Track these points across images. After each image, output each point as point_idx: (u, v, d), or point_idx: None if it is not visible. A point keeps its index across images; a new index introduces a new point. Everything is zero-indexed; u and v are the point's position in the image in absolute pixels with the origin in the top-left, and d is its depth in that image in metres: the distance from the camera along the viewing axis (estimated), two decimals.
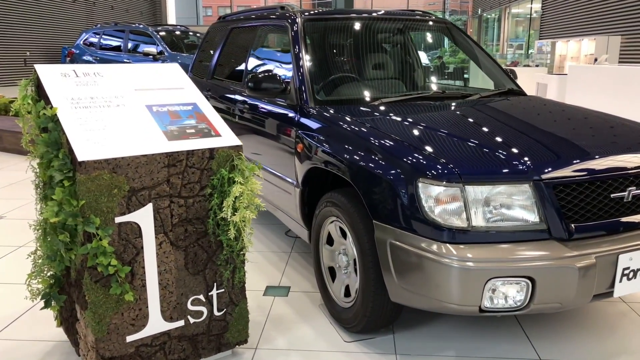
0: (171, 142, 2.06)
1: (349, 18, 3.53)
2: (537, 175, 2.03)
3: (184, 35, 12.27)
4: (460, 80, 8.21)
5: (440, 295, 2.01)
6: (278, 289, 3.06)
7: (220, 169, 2.14)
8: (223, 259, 2.22)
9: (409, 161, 2.12)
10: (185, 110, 2.25)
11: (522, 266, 1.94)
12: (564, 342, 2.49)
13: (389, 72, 3.62)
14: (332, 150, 2.50)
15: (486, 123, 2.58)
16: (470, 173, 2.02)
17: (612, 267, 2.04)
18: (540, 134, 2.39)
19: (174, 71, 2.49)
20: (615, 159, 2.19)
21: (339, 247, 2.59)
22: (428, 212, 2.02)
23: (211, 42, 4.78)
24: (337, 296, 2.63)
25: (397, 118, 2.64)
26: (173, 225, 2.08)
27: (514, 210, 2.03)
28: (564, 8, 16.62)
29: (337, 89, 3.17)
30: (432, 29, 3.93)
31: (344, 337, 2.54)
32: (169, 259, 2.09)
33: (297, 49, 3.15)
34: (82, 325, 2.10)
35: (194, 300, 2.19)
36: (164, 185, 2.03)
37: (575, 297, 1.98)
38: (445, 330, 2.59)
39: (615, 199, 2.15)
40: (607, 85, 7.50)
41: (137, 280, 2.03)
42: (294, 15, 3.37)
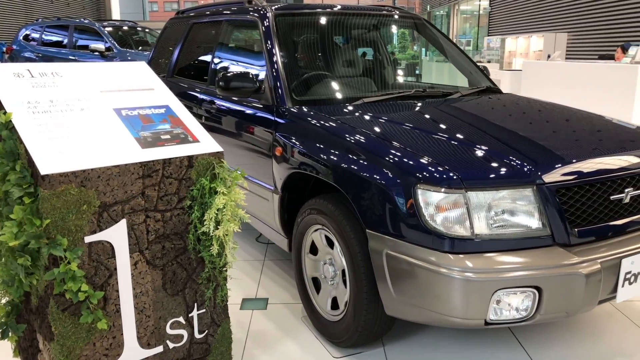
0: (145, 150, 1.84)
1: (323, 13, 3.36)
2: (540, 179, 1.94)
3: (133, 31, 11.79)
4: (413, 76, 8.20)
5: (443, 308, 1.89)
6: (256, 302, 2.87)
7: (200, 179, 1.94)
8: (204, 277, 2.02)
9: (406, 166, 1.98)
10: (158, 114, 2.04)
11: (529, 275, 1.84)
12: (557, 347, 2.43)
13: (367, 69, 3.48)
14: (318, 155, 2.34)
15: (478, 123, 2.48)
16: (472, 178, 1.90)
17: (615, 272, 1.98)
18: (537, 136, 2.31)
19: (141, 70, 2.26)
20: (613, 159, 2.13)
21: (325, 257, 2.43)
22: (428, 220, 1.89)
23: (169, 38, 4.51)
24: (323, 309, 2.48)
25: (384, 119, 2.50)
26: (149, 242, 1.87)
27: (517, 216, 1.93)
28: (511, 5, 17.00)
29: (315, 88, 3.00)
30: (408, 25, 3.82)
31: (332, 353, 2.39)
32: (145, 280, 1.88)
33: (270, 45, 2.97)
34: (46, 357, 1.86)
35: (173, 324, 1.99)
36: (138, 198, 1.81)
37: (582, 304, 1.90)
38: (437, 341, 2.48)
39: (614, 201, 2.08)
40: (560, 81, 7.66)
41: (111, 305, 1.81)
42: (264, 10, 3.18)
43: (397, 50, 11.04)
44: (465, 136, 2.27)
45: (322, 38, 3.42)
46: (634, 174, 2.13)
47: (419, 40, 13.81)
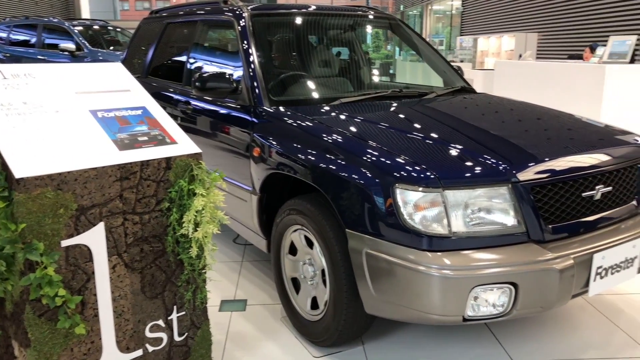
0: (123, 152, 1.82)
1: (299, 13, 3.37)
2: (515, 178, 1.98)
3: (104, 30, 11.60)
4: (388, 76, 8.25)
5: (422, 306, 1.91)
6: (234, 303, 2.86)
7: (178, 180, 1.93)
8: (184, 280, 2.01)
9: (384, 166, 2.00)
10: (135, 116, 2.02)
11: (505, 272, 1.88)
12: (532, 342, 2.48)
13: (344, 69, 3.50)
14: (297, 155, 2.34)
15: (454, 122, 2.52)
16: (450, 177, 1.93)
17: (587, 267, 2.03)
18: (511, 135, 2.35)
19: (117, 71, 2.23)
20: (584, 158, 2.18)
21: (304, 257, 2.44)
22: (407, 218, 1.92)
23: (143, 38, 4.46)
24: (303, 309, 2.48)
25: (362, 119, 2.52)
26: (127, 245, 1.85)
27: (493, 214, 1.97)
28: (483, 5, 17.24)
29: (292, 88, 3.01)
30: (383, 25, 3.85)
31: (312, 352, 2.40)
32: (123, 283, 1.86)
33: (247, 45, 2.96)
34: None
35: (153, 327, 1.97)
36: (116, 201, 1.79)
37: (556, 299, 1.95)
38: (416, 338, 2.51)
39: (585, 198, 2.14)
40: (531, 80, 7.80)
41: (89, 309, 1.78)
42: (241, 10, 3.17)
43: (372, 50, 11.11)
44: (441, 136, 2.30)
45: (298, 38, 3.42)
46: (604, 171, 2.20)
47: (392, 39, 13.93)
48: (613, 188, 2.24)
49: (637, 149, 2.42)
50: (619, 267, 2.16)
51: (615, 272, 2.15)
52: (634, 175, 2.35)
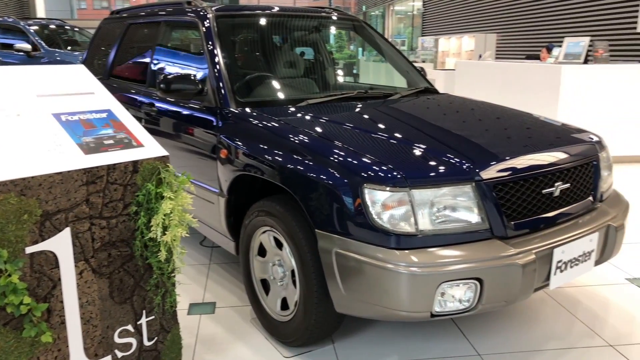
0: (88, 156, 1.80)
1: (264, 14, 3.37)
2: (478, 176, 2.04)
3: (61, 30, 11.30)
4: (352, 76, 8.35)
5: (391, 303, 1.95)
6: (203, 306, 2.85)
7: (146, 184, 1.91)
8: (153, 284, 1.99)
9: (352, 166, 2.03)
10: (100, 119, 1.99)
11: (470, 268, 1.93)
12: (496, 335, 2.55)
13: (310, 70, 3.52)
14: (266, 157, 2.35)
15: (419, 123, 2.57)
16: (416, 176, 1.98)
17: (548, 261, 2.11)
18: (475, 133, 2.42)
19: (80, 73, 2.20)
20: (543, 156, 2.26)
21: (273, 259, 2.45)
22: (375, 218, 1.95)
23: (104, 38, 4.38)
24: (273, 310, 2.49)
25: (329, 120, 2.54)
26: (95, 250, 1.82)
27: (458, 212, 2.02)
28: (443, 6, 17.55)
29: (258, 89, 3.01)
30: (347, 26, 3.89)
31: (283, 353, 2.41)
32: (91, 289, 1.83)
33: (212, 46, 2.95)
34: None
35: (122, 332, 1.95)
36: (82, 205, 1.77)
37: (519, 293, 2.02)
38: (385, 335, 2.55)
39: (545, 195, 2.22)
40: (490, 80, 8.00)
41: (55, 317, 1.75)
42: (205, 11, 3.15)
43: (335, 50, 11.18)
44: (407, 136, 2.35)
45: (263, 39, 3.42)
46: (562, 168, 2.28)
47: (355, 40, 14.03)
48: (571, 185, 2.32)
49: (593, 147, 2.52)
50: (578, 260, 2.25)
51: (574, 265, 2.24)
52: (590, 172, 2.45)
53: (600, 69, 6.28)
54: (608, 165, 2.62)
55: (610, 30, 9.36)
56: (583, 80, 6.23)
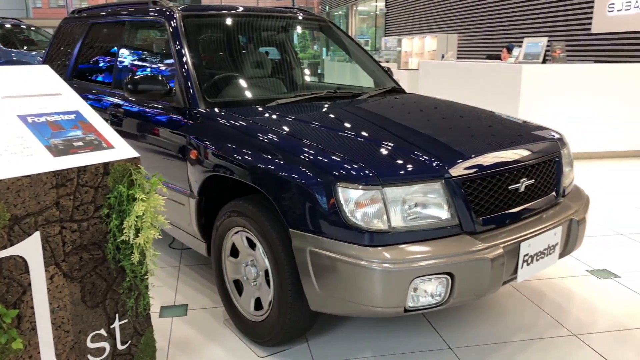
0: (58, 158, 1.76)
1: (231, 14, 3.36)
2: (447, 173, 2.08)
3: (17, 29, 10.98)
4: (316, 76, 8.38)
5: (365, 299, 1.98)
6: (175, 309, 2.82)
7: (117, 186, 1.89)
8: (126, 287, 1.97)
9: (325, 165, 2.05)
10: (68, 120, 1.95)
11: (442, 263, 1.98)
12: (466, 328, 2.62)
13: (278, 70, 3.52)
14: (238, 157, 2.34)
15: (388, 122, 2.61)
16: (388, 175, 2.01)
17: (515, 255, 2.18)
18: (444, 132, 2.47)
19: (45, 74, 2.15)
20: (508, 153, 2.33)
21: (246, 259, 2.45)
22: (349, 216, 1.97)
23: (65, 38, 4.29)
24: (246, 310, 2.49)
25: (300, 120, 2.56)
26: (66, 254, 1.79)
27: (428, 209, 2.06)
28: (405, 7, 17.78)
29: (227, 90, 3.00)
30: (314, 27, 3.91)
31: (257, 353, 2.41)
32: (62, 294, 1.80)
33: (179, 46, 2.92)
34: None
35: (94, 337, 1.92)
36: (52, 209, 1.73)
37: (489, 286, 2.08)
38: (358, 332, 2.58)
39: (511, 191, 2.29)
40: (453, 79, 8.16)
41: (26, 323, 1.71)
42: (172, 11, 3.12)
43: (299, 50, 11.19)
44: (377, 135, 2.38)
45: (231, 39, 3.41)
46: (527, 165, 2.36)
47: (318, 40, 14.05)
48: (535, 181, 2.40)
49: (555, 144, 2.61)
50: (543, 253, 2.33)
51: (540, 258, 2.32)
52: (553, 168, 2.54)
53: (557, 68, 6.49)
54: (569, 162, 2.71)
55: (567, 31, 9.67)
56: (542, 79, 6.42)
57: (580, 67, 6.65)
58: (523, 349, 2.45)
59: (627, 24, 8.30)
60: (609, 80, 6.56)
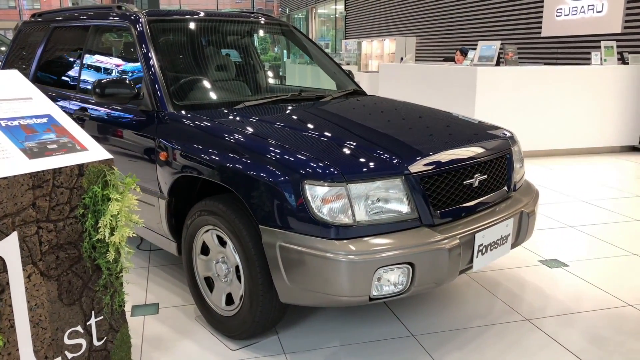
0: (33, 160, 1.82)
1: (195, 19, 3.44)
2: (407, 170, 2.23)
3: None
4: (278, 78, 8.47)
5: (333, 289, 2.10)
6: (146, 307, 2.88)
7: (92, 187, 1.95)
8: (101, 284, 2.03)
9: (293, 164, 2.17)
10: (41, 124, 2.00)
11: (403, 253, 2.11)
12: (427, 316, 2.77)
13: (244, 73, 3.61)
14: (208, 158, 2.43)
15: (351, 123, 2.74)
16: (352, 172, 2.14)
17: (470, 245, 2.34)
18: (404, 132, 2.62)
19: (14, 78, 2.19)
20: (463, 150, 2.50)
21: (217, 256, 2.53)
22: (316, 212, 2.09)
23: (25, 42, 4.26)
24: (218, 306, 2.58)
25: (266, 121, 2.66)
26: (42, 253, 1.84)
27: (390, 204, 2.20)
28: (365, 10, 18.06)
29: (194, 93, 3.08)
30: (276, 31, 4.01)
31: (229, 346, 2.50)
32: (40, 292, 1.85)
33: (145, 50, 2.98)
34: None
35: (71, 333, 1.97)
36: (29, 209, 1.79)
37: (447, 275, 2.23)
38: (325, 323, 2.70)
39: (466, 186, 2.45)
40: (412, 81, 8.40)
41: (4, 321, 1.76)
42: (136, 15, 3.18)
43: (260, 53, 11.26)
44: (341, 135, 2.51)
45: (196, 43, 3.48)
46: (480, 161, 2.52)
47: (279, 42, 14.15)
48: (488, 176, 2.58)
49: (506, 142, 2.79)
50: (497, 244, 2.50)
51: (494, 248, 2.49)
52: (504, 164, 2.72)
53: (510, 70, 6.78)
54: (520, 158, 2.90)
55: (519, 34, 10.07)
56: (496, 81, 6.70)
57: (531, 68, 6.97)
58: (480, 334, 2.62)
59: (574, 28, 8.72)
60: (557, 82, 6.90)
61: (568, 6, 8.80)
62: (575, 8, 8.67)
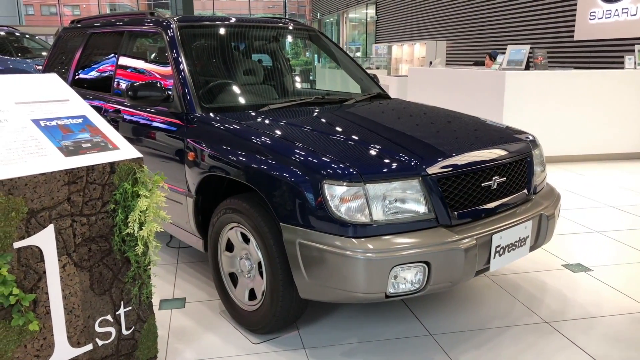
0: (69, 158, 1.95)
1: (223, 25, 3.56)
2: (424, 171, 2.28)
3: (12, 37, 11.10)
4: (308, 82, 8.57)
5: (350, 286, 2.17)
6: (173, 302, 3.00)
7: (122, 183, 2.07)
8: (130, 276, 2.15)
9: (313, 164, 2.25)
10: (76, 124, 2.14)
11: (419, 252, 2.17)
12: (445, 316, 2.81)
13: (270, 77, 3.71)
14: (233, 158, 2.53)
15: (372, 125, 2.81)
16: (370, 172, 2.20)
17: (487, 246, 2.37)
18: (422, 134, 2.67)
19: (53, 81, 2.33)
20: (482, 153, 2.53)
21: (241, 253, 2.63)
22: (334, 210, 2.16)
23: (64, 47, 4.46)
24: (241, 301, 2.67)
25: (290, 123, 2.75)
26: (76, 245, 1.97)
27: (407, 204, 2.26)
28: (396, 14, 18.07)
29: (222, 96, 3.19)
30: (303, 36, 4.11)
31: (251, 340, 2.59)
32: (73, 282, 1.98)
33: (176, 54, 3.11)
34: None
35: (102, 322, 2.09)
36: (64, 204, 1.91)
37: (463, 274, 2.27)
38: (344, 320, 2.77)
39: (484, 188, 2.49)
40: (441, 85, 8.39)
41: (41, 307, 1.89)
42: (168, 21, 3.31)
43: (291, 57, 11.39)
44: (361, 137, 2.58)
45: (226, 48, 3.60)
46: (499, 164, 2.56)
47: (311, 47, 14.30)
48: (507, 178, 2.60)
49: (527, 145, 2.81)
50: (514, 245, 2.53)
51: (511, 250, 2.51)
52: (524, 167, 2.74)
53: (540, 74, 6.73)
54: (541, 162, 2.92)
55: (549, 38, 9.95)
56: (524, 85, 6.66)
57: (562, 73, 6.90)
58: (498, 335, 2.64)
59: (607, 32, 8.58)
60: (588, 87, 6.81)
61: (602, 9, 8.67)
62: (609, 11, 8.54)
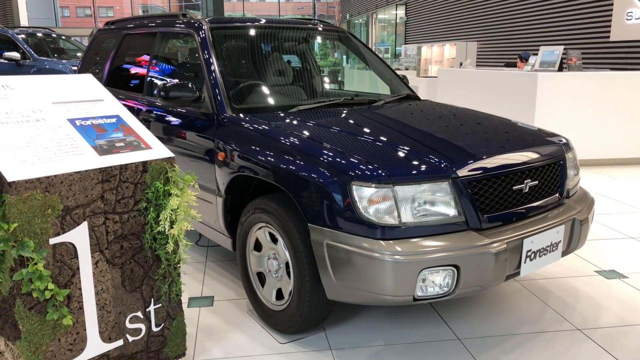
0: (103, 157, 1.99)
1: (255, 26, 3.59)
2: (454, 174, 2.26)
3: (49, 38, 11.40)
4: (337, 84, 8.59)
5: (378, 288, 2.16)
6: (202, 300, 3.03)
7: (154, 182, 2.10)
8: (160, 274, 2.18)
9: (342, 166, 2.24)
10: (110, 123, 2.18)
11: (448, 256, 2.15)
12: (474, 321, 2.78)
13: (300, 78, 3.73)
14: (262, 159, 2.55)
15: (401, 127, 2.79)
16: (399, 174, 2.19)
17: (518, 251, 2.33)
18: (452, 136, 2.64)
19: (88, 82, 2.39)
20: (514, 156, 2.49)
21: (269, 252, 2.65)
22: (362, 212, 2.16)
23: (99, 48, 4.56)
24: (269, 300, 2.69)
25: (319, 124, 2.76)
26: (109, 242, 2.01)
27: (436, 206, 2.24)
28: (425, 15, 17.93)
29: (252, 97, 3.22)
30: (333, 37, 4.11)
31: (278, 339, 2.60)
32: (105, 278, 2.02)
33: (207, 55, 3.15)
34: (9, 357, 1.95)
35: (132, 318, 2.13)
36: (98, 201, 1.95)
37: (492, 279, 2.24)
38: (371, 322, 2.75)
39: (516, 191, 2.45)
40: (471, 86, 8.29)
41: (74, 302, 1.93)
42: (200, 23, 3.35)
43: (320, 58, 11.42)
44: (390, 138, 2.57)
45: (256, 49, 3.63)
46: (531, 167, 2.51)
47: (339, 48, 14.30)
48: (539, 182, 2.56)
49: (560, 148, 2.76)
50: (546, 250, 2.48)
51: (543, 255, 2.47)
52: (557, 171, 2.69)
53: (573, 75, 6.59)
54: (574, 165, 2.86)
55: (583, 38, 9.74)
56: (557, 87, 6.53)
57: (596, 74, 6.74)
58: (528, 341, 2.60)
59: None
60: (624, 88, 6.64)
61: (639, 9, 8.44)
62: None
